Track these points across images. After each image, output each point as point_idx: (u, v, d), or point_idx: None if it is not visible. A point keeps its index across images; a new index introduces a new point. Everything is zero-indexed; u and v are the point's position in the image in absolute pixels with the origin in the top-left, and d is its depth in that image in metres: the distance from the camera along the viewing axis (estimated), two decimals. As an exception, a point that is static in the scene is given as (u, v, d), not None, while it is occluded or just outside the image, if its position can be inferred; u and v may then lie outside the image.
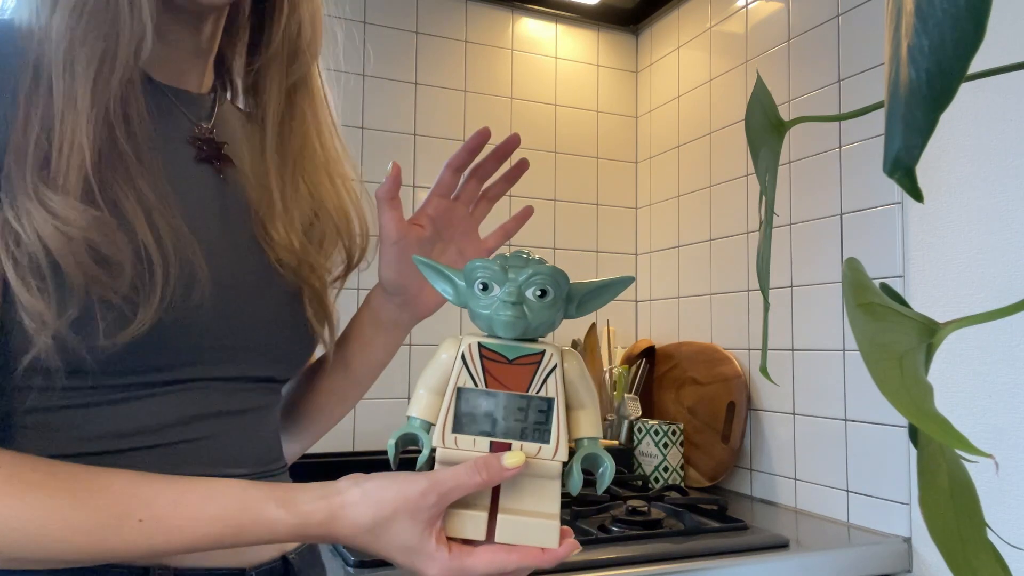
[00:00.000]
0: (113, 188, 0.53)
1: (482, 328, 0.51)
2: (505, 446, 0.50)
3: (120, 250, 0.51)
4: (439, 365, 0.51)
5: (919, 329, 0.25)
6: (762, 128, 0.35)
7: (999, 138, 1.01)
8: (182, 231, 0.56)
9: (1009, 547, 0.29)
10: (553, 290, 0.50)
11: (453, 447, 0.50)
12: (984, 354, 1.01)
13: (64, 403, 0.54)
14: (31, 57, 0.53)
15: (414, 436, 0.51)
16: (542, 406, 0.50)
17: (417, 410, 0.51)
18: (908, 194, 0.23)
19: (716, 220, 1.57)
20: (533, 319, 0.50)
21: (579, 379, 0.52)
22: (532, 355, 0.51)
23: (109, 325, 0.51)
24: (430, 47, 1.65)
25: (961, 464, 0.27)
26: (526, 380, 0.50)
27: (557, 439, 0.50)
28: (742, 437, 1.41)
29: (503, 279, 0.50)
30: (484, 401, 0.50)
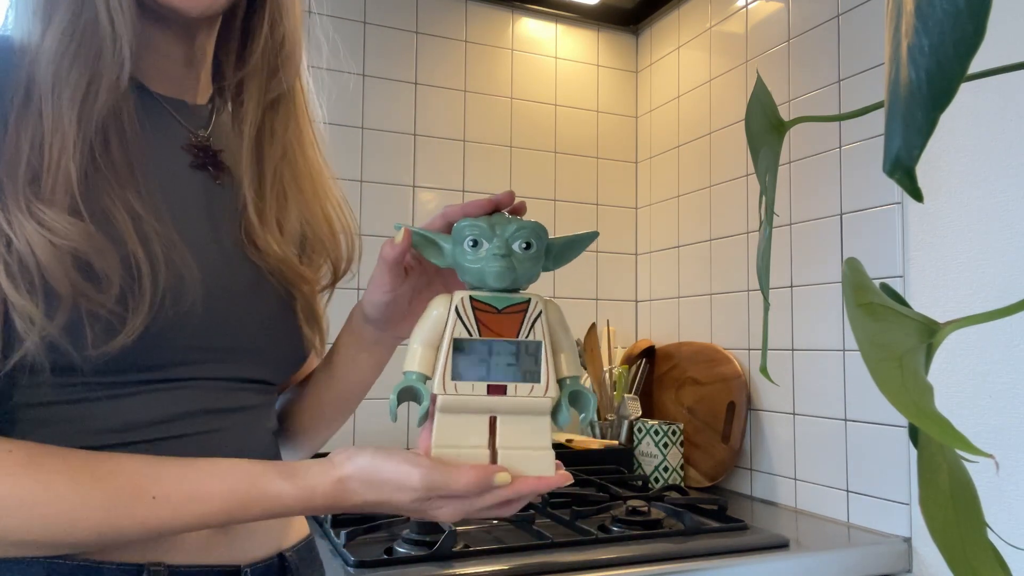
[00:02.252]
0: (103, 201, 0.55)
1: (472, 282, 0.55)
2: (500, 388, 0.54)
3: (108, 263, 0.53)
4: (432, 321, 0.55)
5: (919, 329, 0.25)
6: (762, 128, 0.35)
7: (999, 138, 1.01)
8: (172, 239, 0.57)
9: (1009, 547, 0.29)
10: (536, 242, 0.55)
11: (454, 393, 0.53)
12: (984, 354, 1.01)
13: (54, 399, 0.55)
14: (24, 75, 0.55)
15: (413, 389, 0.54)
16: (531, 349, 0.55)
17: (414, 364, 0.54)
18: (908, 194, 0.23)
19: (716, 220, 1.57)
20: (520, 269, 0.54)
21: (559, 324, 0.57)
22: (519, 304, 0.55)
23: (98, 335, 0.53)
24: (430, 47, 1.65)
25: (961, 464, 0.27)
26: (515, 327, 0.55)
27: (547, 378, 0.55)
28: (742, 437, 1.41)
29: (491, 235, 0.54)
30: (479, 348, 0.54)
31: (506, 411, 0.54)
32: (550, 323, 0.56)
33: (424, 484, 0.51)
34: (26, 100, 0.54)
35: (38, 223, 0.51)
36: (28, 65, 0.55)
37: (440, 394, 0.53)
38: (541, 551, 0.98)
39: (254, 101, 0.68)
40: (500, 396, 0.54)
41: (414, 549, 0.96)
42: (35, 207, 0.52)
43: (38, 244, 0.51)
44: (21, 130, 0.53)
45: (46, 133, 0.54)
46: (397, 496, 0.53)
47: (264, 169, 0.68)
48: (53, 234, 0.51)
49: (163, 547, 0.56)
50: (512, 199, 0.58)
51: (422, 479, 0.51)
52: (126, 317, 0.53)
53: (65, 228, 0.52)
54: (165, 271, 0.56)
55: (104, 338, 0.53)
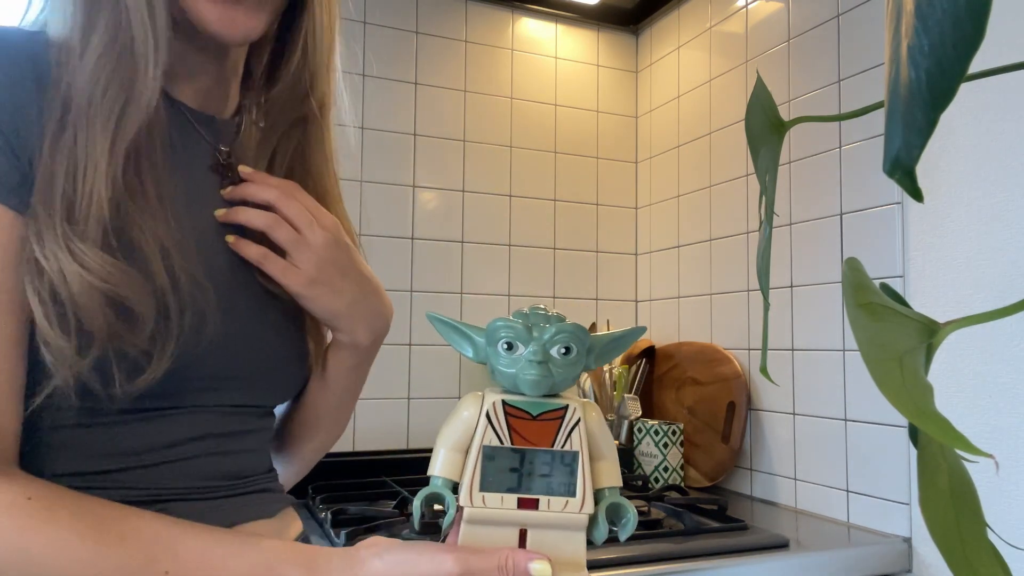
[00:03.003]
0: (133, 232, 0.54)
1: (505, 385, 0.52)
2: (532, 502, 0.51)
3: (141, 301, 0.52)
4: (461, 423, 0.52)
5: (919, 329, 0.25)
6: (762, 128, 0.35)
7: (999, 138, 1.01)
8: (198, 277, 0.57)
9: (1009, 547, 0.29)
10: (577, 347, 0.51)
11: (481, 505, 0.50)
12: (984, 354, 1.01)
13: (75, 422, 0.55)
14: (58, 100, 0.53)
15: (439, 495, 0.51)
16: (567, 460, 0.51)
17: (440, 470, 0.51)
18: (908, 194, 0.23)
19: (716, 220, 1.56)
20: (558, 376, 0.51)
21: (599, 430, 0.53)
22: (555, 410, 0.52)
23: (125, 374, 0.52)
24: (430, 47, 1.65)
25: (961, 464, 0.27)
26: (550, 435, 0.51)
27: (584, 492, 0.51)
28: (742, 437, 1.41)
29: (528, 338, 0.51)
30: (510, 458, 0.51)
31: (538, 526, 0.51)
32: (589, 430, 0.52)
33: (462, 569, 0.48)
34: (60, 125, 0.53)
35: (73, 258, 0.50)
36: (65, 87, 0.54)
37: (467, 506, 0.50)
38: (541, 551, 0.98)
39: (275, 120, 0.68)
40: (532, 510, 0.51)
41: (414, 549, 0.96)
42: (72, 243, 0.51)
43: (74, 281, 0.50)
44: (56, 157, 0.52)
45: (79, 161, 0.53)
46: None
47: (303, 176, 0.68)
48: (88, 272, 0.50)
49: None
50: None
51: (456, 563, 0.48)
52: (153, 355, 0.53)
53: (100, 266, 0.51)
54: (191, 310, 0.55)
55: (131, 376, 0.53)
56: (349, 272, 0.67)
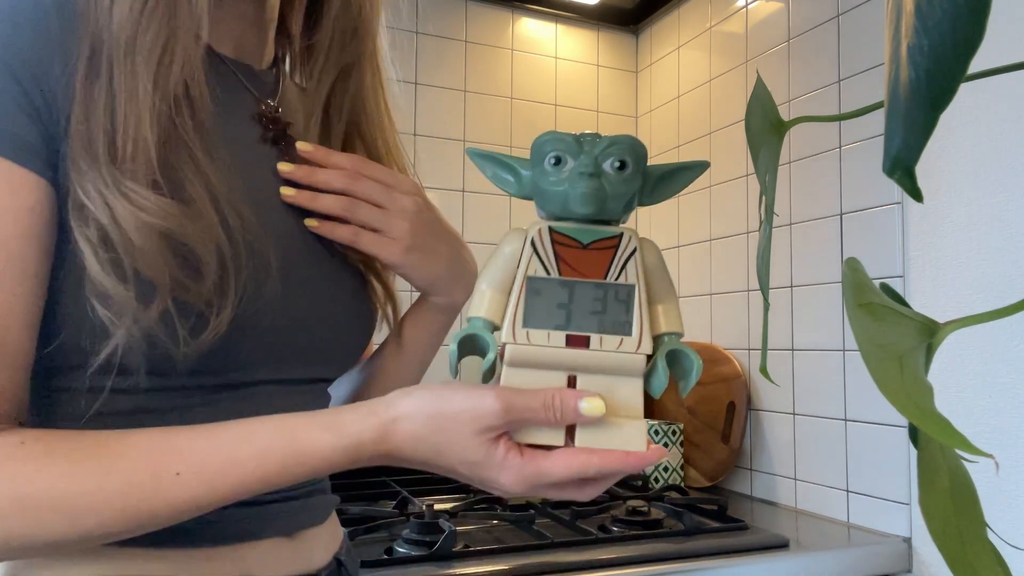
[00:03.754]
0: (183, 178, 0.50)
1: (553, 209, 0.46)
2: (582, 339, 0.45)
3: (203, 245, 0.48)
4: (503, 259, 0.46)
5: (919, 329, 0.25)
6: (762, 128, 0.35)
7: (999, 138, 1.01)
8: (251, 222, 0.52)
9: (1009, 547, 0.29)
10: (632, 162, 0.45)
11: (525, 342, 0.44)
12: (984, 354, 1.01)
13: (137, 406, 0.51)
14: (86, 42, 0.49)
15: (477, 337, 0.46)
16: (621, 295, 0.45)
17: (480, 310, 0.46)
18: (908, 194, 0.23)
19: (716, 220, 1.57)
20: (612, 193, 0.45)
21: (658, 268, 0.47)
22: (609, 238, 0.46)
23: (189, 330, 0.48)
24: (430, 47, 1.65)
25: (961, 464, 0.27)
26: (603, 266, 0.45)
27: (640, 330, 0.45)
28: (742, 437, 1.41)
29: (578, 151, 0.45)
30: (558, 291, 0.45)
31: (588, 369, 0.45)
32: (646, 265, 0.47)
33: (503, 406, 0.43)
34: (92, 67, 0.49)
35: (127, 200, 0.46)
36: (96, 30, 0.49)
37: (509, 343, 0.44)
38: (541, 551, 0.98)
39: (322, 70, 0.64)
40: (582, 349, 0.45)
41: (414, 549, 0.96)
42: (122, 184, 0.47)
43: (129, 222, 0.46)
44: (91, 101, 0.48)
45: (119, 101, 0.48)
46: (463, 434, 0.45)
47: (332, 144, 0.63)
48: (144, 212, 0.46)
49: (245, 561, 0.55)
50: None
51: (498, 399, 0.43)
52: (214, 308, 0.49)
53: (156, 206, 0.47)
54: (247, 257, 0.51)
55: (197, 331, 0.48)
56: (441, 233, 0.63)
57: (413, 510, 1.13)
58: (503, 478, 0.45)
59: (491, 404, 0.44)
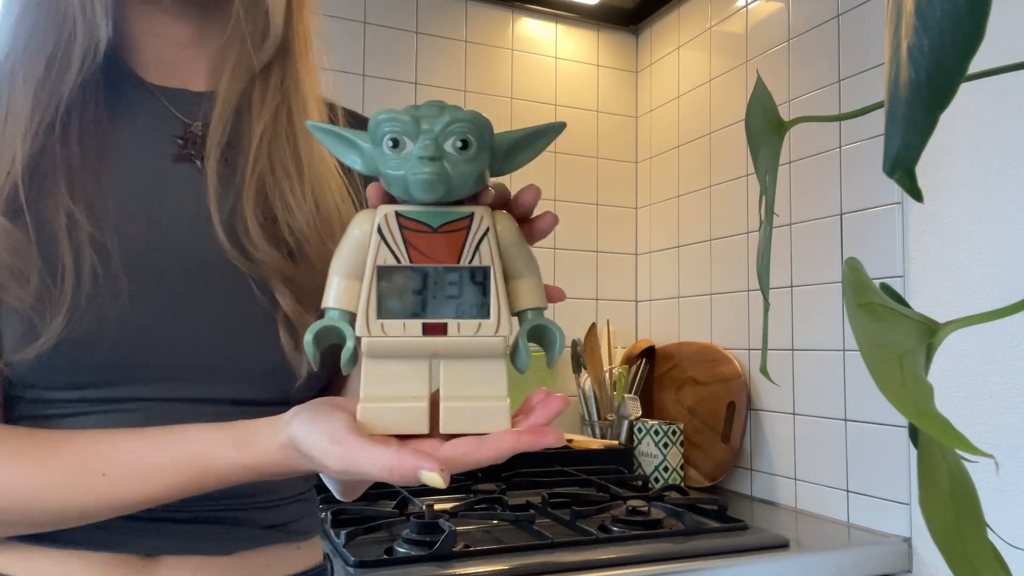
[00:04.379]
0: (41, 198, 0.53)
1: (397, 194, 0.44)
2: (440, 327, 0.44)
3: (26, 261, 0.51)
4: (352, 244, 0.44)
5: (919, 329, 0.25)
6: (762, 128, 0.35)
7: (999, 138, 1.01)
8: (105, 246, 0.54)
9: (1009, 547, 0.29)
10: (476, 139, 0.43)
11: (380, 334, 0.43)
12: (984, 354, 1.01)
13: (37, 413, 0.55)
14: None
15: (334, 329, 0.44)
16: (477, 277, 0.44)
17: (333, 299, 0.44)
18: (908, 194, 0.23)
19: (716, 220, 1.57)
20: (456, 175, 0.42)
21: (515, 243, 0.45)
22: (459, 220, 0.44)
23: (18, 337, 0.52)
24: (430, 47, 1.65)
25: (961, 464, 0.27)
26: (455, 249, 0.44)
27: (498, 312, 0.44)
28: (742, 437, 1.41)
29: (416, 131, 0.42)
30: (410, 278, 0.44)
31: (449, 354, 0.44)
32: (502, 241, 0.45)
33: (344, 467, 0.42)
34: None
35: None
36: None
37: (364, 336, 0.43)
38: (541, 551, 0.98)
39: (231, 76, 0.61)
40: (440, 336, 0.44)
41: (414, 549, 0.96)
42: None
43: None
44: None
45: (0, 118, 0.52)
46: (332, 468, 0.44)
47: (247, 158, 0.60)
48: None
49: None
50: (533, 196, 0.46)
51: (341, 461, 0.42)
52: (45, 319, 0.51)
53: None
54: (90, 277, 0.53)
55: (23, 341, 0.51)
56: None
57: (413, 510, 1.13)
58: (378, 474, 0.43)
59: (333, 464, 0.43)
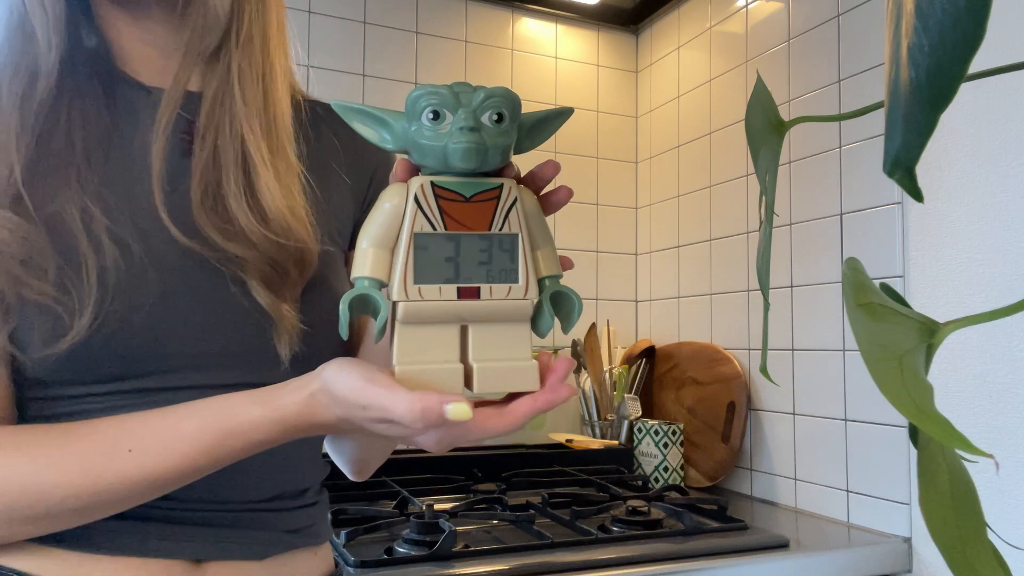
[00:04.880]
0: (50, 195, 0.54)
1: (432, 163, 0.46)
2: (472, 291, 0.46)
3: (40, 250, 0.52)
4: (384, 214, 0.46)
5: (919, 329, 0.25)
6: (762, 128, 0.35)
7: (999, 138, 1.01)
8: (125, 239, 0.55)
9: (1009, 547, 0.29)
10: (509, 113, 0.46)
11: (418, 298, 0.45)
12: (984, 354, 1.01)
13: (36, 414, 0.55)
14: None
15: (367, 297, 0.46)
16: (506, 244, 0.47)
17: (365, 269, 0.46)
18: (908, 194, 0.23)
19: (716, 220, 1.56)
20: (491, 146, 0.45)
21: (537, 215, 0.48)
22: (490, 190, 0.46)
23: (47, 331, 0.52)
24: (430, 47, 1.65)
25: (961, 464, 0.27)
26: (487, 218, 0.46)
27: (527, 277, 0.47)
28: (742, 437, 1.41)
29: (455, 105, 0.45)
30: (445, 245, 0.46)
31: (479, 318, 0.47)
32: (527, 213, 0.47)
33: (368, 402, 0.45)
34: None
35: None
36: None
37: (402, 301, 0.45)
38: (541, 551, 0.98)
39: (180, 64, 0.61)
40: (472, 300, 0.46)
41: (414, 549, 0.96)
42: None
43: None
44: None
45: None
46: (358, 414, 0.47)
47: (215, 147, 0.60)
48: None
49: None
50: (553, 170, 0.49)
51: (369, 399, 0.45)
52: (73, 313, 0.52)
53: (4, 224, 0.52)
54: (115, 268, 0.54)
55: (53, 335, 0.52)
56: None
57: (413, 510, 1.13)
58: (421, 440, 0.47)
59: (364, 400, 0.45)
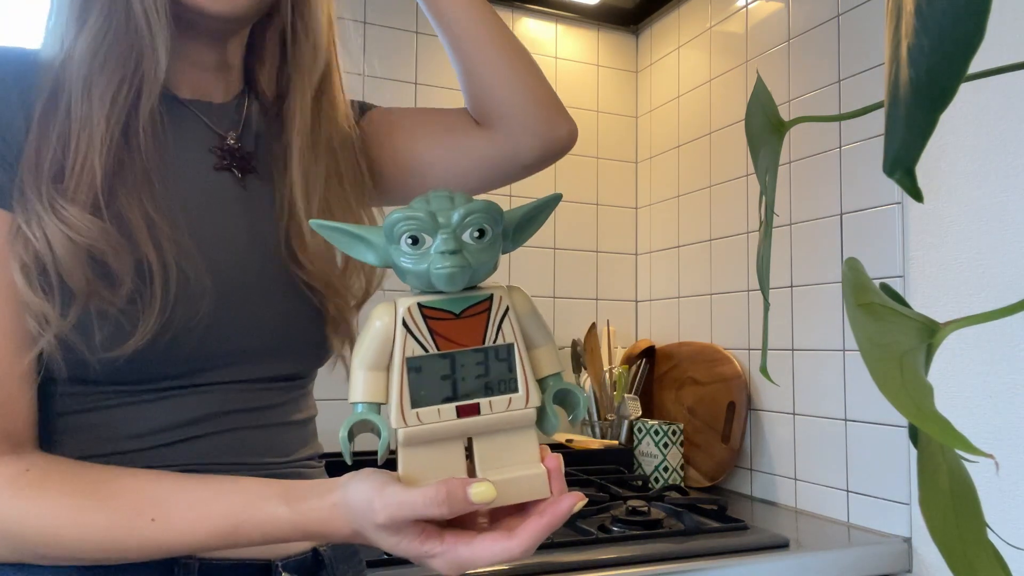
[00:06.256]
0: (122, 204, 0.55)
1: (416, 286, 0.46)
2: (472, 407, 0.45)
3: (121, 262, 0.53)
4: (375, 337, 0.45)
5: (919, 329, 0.25)
6: (762, 128, 0.35)
7: (999, 138, 1.01)
8: (185, 246, 0.57)
9: (1009, 547, 0.29)
10: (491, 227, 0.45)
11: (417, 423, 0.45)
12: (984, 354, 1.01)
13: (77, 408, 0.56)
14: (49, 77, 0.55)
15: (367, 422, 0.46)
16: (502, 354, 0.46)
17: (360, 394, 0.45)
18: (908, 194, 0.23)
19: (716, 220, 1.56)
20: (476, 263, 0.44)
21: (530, 316, 0.48)
22: (480, 303, 0.46)
23: (107, 337, 0.53)
24: (430, 47, 1.65)
25: (961, 464, 0.27)
26: (479, 332, 0.46)
27: (526, 385, 0.46)
28: (742, 437, 1.41)
29: (434, 227, 0.43)
30: (439, 365, 0.45)
31: (483, 431, 0.46)
32: (520, 318, 0.47)
33: (383, 504, 0.45)
34: (52, 100, 0.55)
35: (60, 220, 0.52)
36: (58, 67, 0.56)
37: (401, 428, 0.45)
38: (541, 551, 0.98)
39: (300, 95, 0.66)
40: (474, 416, 0.45)
41: (414, 549, 0.96)
42: (58, 204, 0.52)
43: (57, 240, 0.51)
44: (46, 128, 0.54)
45: (73, 131, 0.54)
46: (368, 526, 0.47)
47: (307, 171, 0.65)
48: (73, 231, 0.52)
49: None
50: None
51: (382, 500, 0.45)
52: (137, 320, 0.54)
53: (86, 226, 0.52)
54: (176, 277, 0.56)
55: (114, 340, 0.53)
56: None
57: (413, 510, 1.13)
58: (434, 564, 0.47)
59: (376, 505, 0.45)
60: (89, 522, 0.50)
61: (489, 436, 0.47)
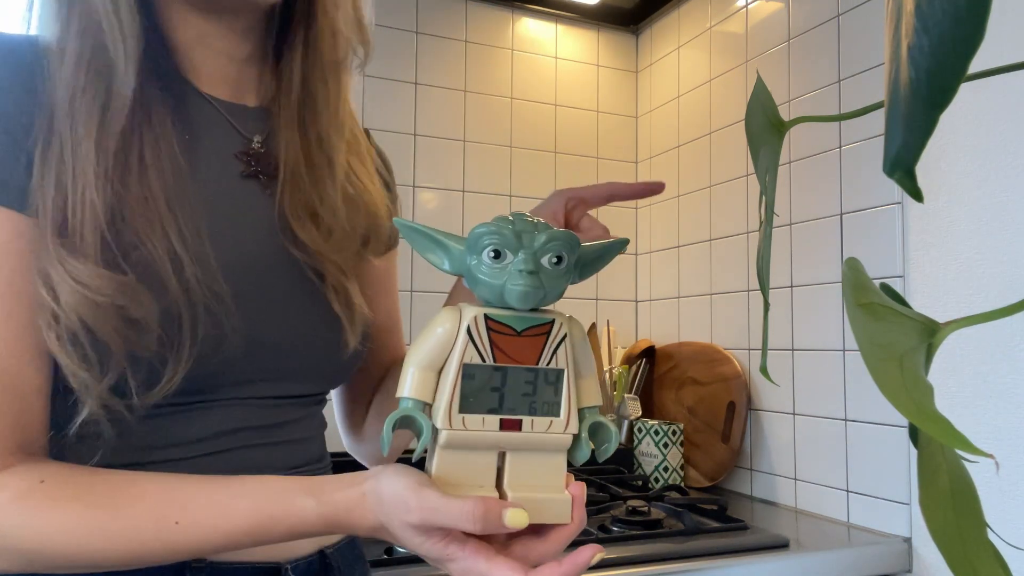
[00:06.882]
0: (135, 240, 0.53)
1: (487, 298, 0.47)
2: (515, 423, 0.47)
3: (146, 311, 0.52)
4: (435, 340, 0.47)
5: (919, 329, 0.25)
6: (762, 128, 0.35)
7: (999, 138, 1.01)
8: (213, 284, 0.55)
9: (1009, 547, 0.29)
10: (568, 256, 0.47)
11: (461, 428, 0.46)
12: (984, 354, 1.01)
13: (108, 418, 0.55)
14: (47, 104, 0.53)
15: (411, 419, 0.47)
16: (551, 378, 0.48)
17: (412, 390, 0.47)
18: (908, 194, 0.23)
19: (716, 220, 1.56)
20: (548, 287, 0.46)
21: (582, 346, 0.50)
22: (542, 325, 0.48)
23: (141, 384, 0.52)
24: (430, 47, 1.65)
25: (961, 464, 0.27)
26: (535, 352, 0.47)
27: (568, 412, 0.48)
28: (742, 437, 1.41)
29: (517, 246, 0.45)
30: (492, 375, 0.47)
31: (518, 447, 0.48)
32: (575, 346, 0.49)
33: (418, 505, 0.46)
34: (48, 134, 0.52)
35: (76, 281, 0.50)
36: (50, 93, 0.53)
37: (445, 429, 0.46)
38: (541, 551, 0.98)
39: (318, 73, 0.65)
40: (514, 432, 0.47)
41: (414, 549, 0.96)
42: (67, 262, 0.50)
43: (81, 306, 0.50)
44: (45, 171, 0.52)
45: (67, 169, 0.52)
46: (396, 521, 0.47)
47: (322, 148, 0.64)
48: (91, 291, 0.50)
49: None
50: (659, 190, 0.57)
51: (418, 501, 0.46)
52: (168, 362, 0.53)
53: (102, 283, 0.50)
54: (206, 317, 0.54)
55: (148, 384, 0.52)
56: None
57: (413, 510, 1.13)
58: (450, 568, 0.48)
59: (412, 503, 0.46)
60: (113, 532, 0.49)
61: (523, 454, 0.48)
